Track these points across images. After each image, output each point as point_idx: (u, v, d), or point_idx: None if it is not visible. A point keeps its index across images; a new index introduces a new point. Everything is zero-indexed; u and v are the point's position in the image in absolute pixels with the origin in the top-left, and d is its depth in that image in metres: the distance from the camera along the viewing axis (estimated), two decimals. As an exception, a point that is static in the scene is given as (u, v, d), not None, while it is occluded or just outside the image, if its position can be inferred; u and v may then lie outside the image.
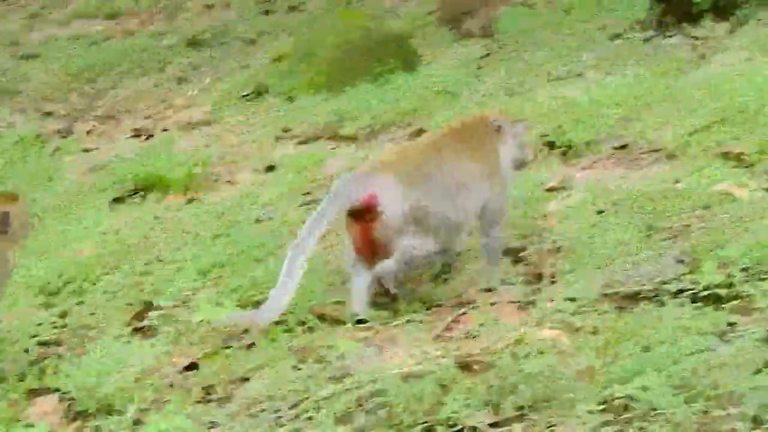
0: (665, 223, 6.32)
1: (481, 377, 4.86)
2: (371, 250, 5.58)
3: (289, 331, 5.46)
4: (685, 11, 12.47)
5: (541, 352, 5.04)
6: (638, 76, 9.73)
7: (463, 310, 5.67)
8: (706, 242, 5.92)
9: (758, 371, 4.65)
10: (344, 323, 5.58)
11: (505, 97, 9.50)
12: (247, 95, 10.31)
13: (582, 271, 5.87)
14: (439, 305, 5.78)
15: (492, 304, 5.69)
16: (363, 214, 5.50)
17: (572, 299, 5.54)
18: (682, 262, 5.82)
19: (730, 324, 5.15)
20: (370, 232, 5.52)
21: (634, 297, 5.56)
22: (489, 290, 5.83)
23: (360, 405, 4.63)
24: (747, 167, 7.00)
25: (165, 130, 9.55)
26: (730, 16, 12.36)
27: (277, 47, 11.45)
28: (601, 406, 4.54)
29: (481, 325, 5.47)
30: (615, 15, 12.94)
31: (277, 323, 5.45)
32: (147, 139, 9.29)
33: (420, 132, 8.69)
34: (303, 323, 5.55)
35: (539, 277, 5.91)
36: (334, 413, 4.58)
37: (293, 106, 9.61)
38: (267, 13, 14.32)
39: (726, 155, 7.21)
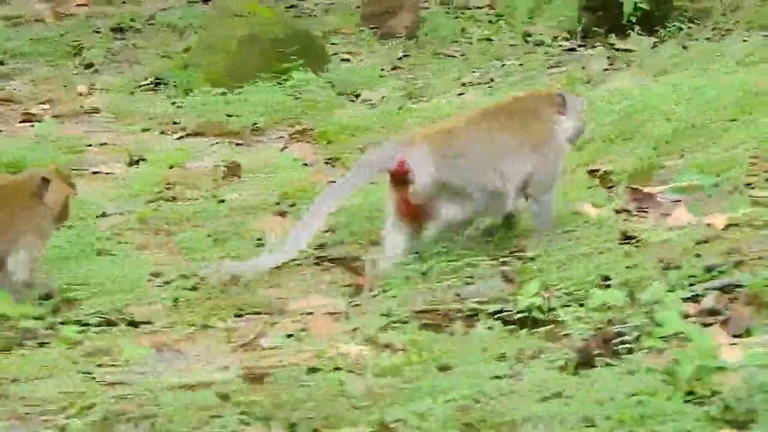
0: (509, 241, 6.16)
1: (266, 391, 4.70)
2: (411, 214, 5.79)
3: (84, 331, 5.29)
4: (613, 23, 12.34)
5: (337, 368, 4.88)
6: (544, 86, 9.57)
7: (275, 319, 5.50)
8: (540, 263, 5.76)
9: (544, 399, 4.50)
10: (150, 323, 5.42)
11: (403, 101, 9.33)
12: (145, 85, 10.13)
13: (408, 285, 5.70)
14: (257, 312, 5.61)
15: (308, 313, 5.53)
16: (400, 180, 5.70)
17: (387, 314, 5.37)
18: (511, 281, 5.66)
19: (539, 349, 4.99)
20: (406, 197, 5.73)
21: (451, 315, 5.39)
22: (306, 299, 5.67)
23: (123, 414, 4.45)
24: (610, 187, 6.85)
25: (56, 116, 9.35)
26: (660, 29, 12.25)
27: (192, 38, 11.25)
28: (371, 429, 4.37)
29: (290, 336, 5.30)
30: (547, 23, 12.80)
31: (72, 323, 5.30)
32: (33, 125, 9.09)
33: (304, 132, 8.55)
34: (105, 323, 5.39)
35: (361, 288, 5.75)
36: (93, 421, 4.40)
37: (188, 100, 9.43)
38: (206, 1, 14.12)
39: (593, 173, 7.07)
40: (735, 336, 4.93)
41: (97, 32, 13.00)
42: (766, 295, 5.15)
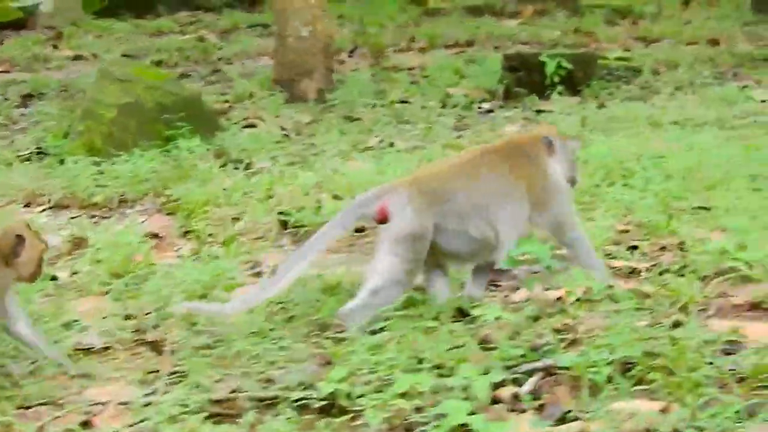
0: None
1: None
2: None
3: None
4: (536, 83, 11.90)
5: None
6: (441, 151, 9.10)
7: (59, 411, 4.98)
8: (355, 344, 5.23)
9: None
10: None
11: (291, 169, 8.85)
12: (25, 155, 9.67)
13: (215, 369, 5.19)
14: (44, 403, 5.07)
15: (99, 403, 5.00)
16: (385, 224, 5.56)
17: (183, 404, 4.84)
18: (327, 364, 5.15)
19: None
20: None
21: (247, 405, 4.87)
22: (103, 388, 5.15)
23: None
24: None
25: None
26: (584, 89, 11.80)
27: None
28: None
29: (69, 430, 4.78)
30: (470, 84, 12.37)
31: None
32: None
33: (169, 203, 8.06)
34: None
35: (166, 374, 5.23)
36: None
37: (60, 169, 8.94)
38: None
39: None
40: (555, 421, 4.45)
41: (7, 99, 12.63)
42: (589, 376, 4.65)
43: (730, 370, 4.63)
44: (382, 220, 5.51)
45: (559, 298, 5.54)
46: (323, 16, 11.88)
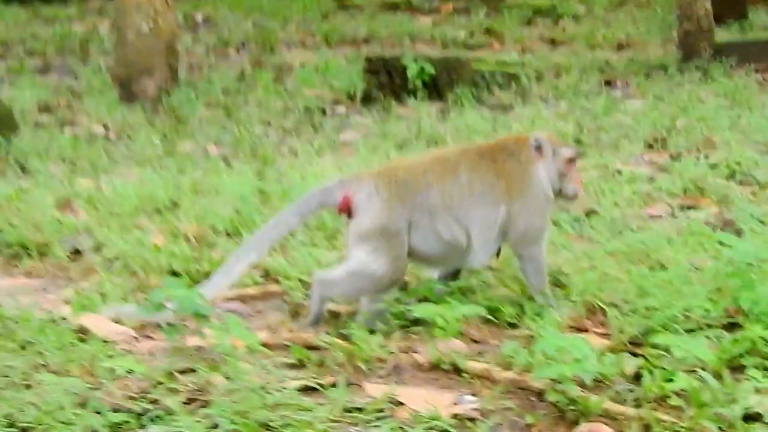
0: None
1: None
2: None
3: None
4: (398, 87, 11.10)
5: None
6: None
7: None
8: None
9: None
10: None
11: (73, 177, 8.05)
12: None
13: None
14: None
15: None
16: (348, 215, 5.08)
17: None
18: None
19: None
20: None
21: None
22: None
23: None
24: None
25: None
26: (449, 95, 10.99)
27: None
28: None
29: None
30: (332, 86, 11.58)
31: None
32: None
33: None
34: None
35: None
36: None
37: None
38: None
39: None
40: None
41: None
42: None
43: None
44: (346, 210, 5.05)
45: (199, 348, 4.73)
46: (166, 12, 11.06)
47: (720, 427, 3.96)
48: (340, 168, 7.74)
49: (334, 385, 4.34)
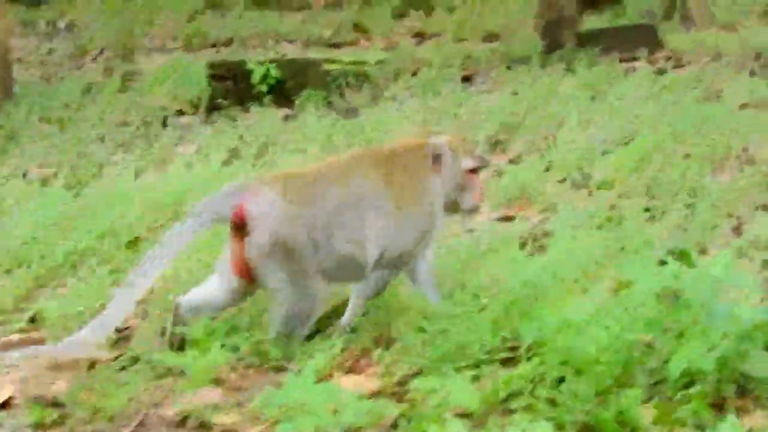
0: None
1: None
2: (246, 273, 4.66)
3: None
4: (244, 93, 10.65)
5: None
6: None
7: None
8: None
9: None
10: None
11: None
12: None
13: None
14: None
15: None
16: (240, 229, 4.63)
17: None
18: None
19: None
20: (242, 250, 4.64)
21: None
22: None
23: None
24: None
25: None
26: (297, 100, 10.55)
27: None
28: None
29: None
30: (179, 94, 11.09)
31: None
32: None
33: None
34: None
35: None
36: None
37: None
38: None
39: None
40: None
41: None
42: None
43: None
44: (239, 223, 4.60)
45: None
46: (-1, 21, 10.52)
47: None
48: (165, 185, 7.28)
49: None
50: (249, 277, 4.68)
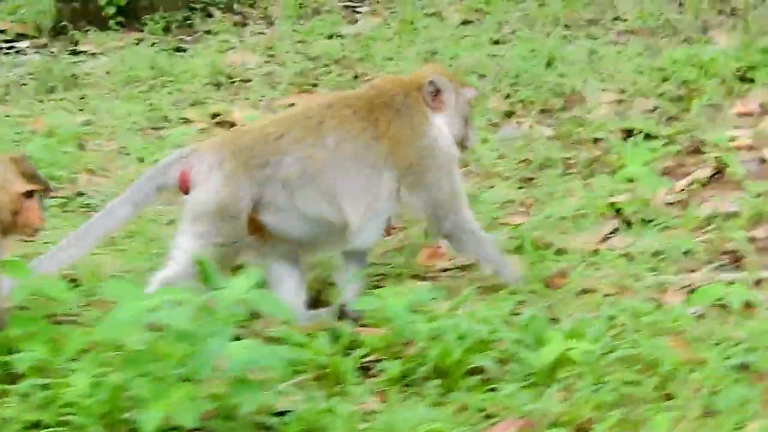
0: None
1: None
2: None
3: None
4: (93, 16, 9.58)
5: None
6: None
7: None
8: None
9: None
10: None
11: None
12: None
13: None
14: None
15: None
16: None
17: None
18: None
19: None
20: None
21: None
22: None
23: None
24: None
25: None
26: (150, 23, 9.47)
27: None
28: None
29: None
30: (25, 16, 9.99)
31: None
32: None
33: None
34: None
35: None
36: None
37: None
38: None
39: None
40: None
41: None
42: None
43: None
44: (186, 189, 4.47)
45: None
46: None
47: None
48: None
49: None
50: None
